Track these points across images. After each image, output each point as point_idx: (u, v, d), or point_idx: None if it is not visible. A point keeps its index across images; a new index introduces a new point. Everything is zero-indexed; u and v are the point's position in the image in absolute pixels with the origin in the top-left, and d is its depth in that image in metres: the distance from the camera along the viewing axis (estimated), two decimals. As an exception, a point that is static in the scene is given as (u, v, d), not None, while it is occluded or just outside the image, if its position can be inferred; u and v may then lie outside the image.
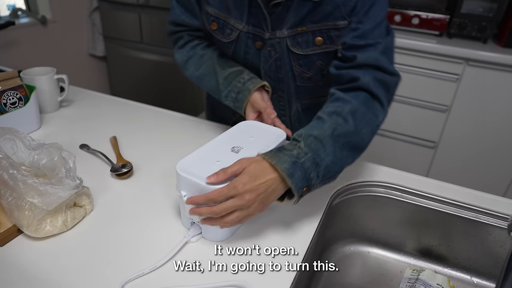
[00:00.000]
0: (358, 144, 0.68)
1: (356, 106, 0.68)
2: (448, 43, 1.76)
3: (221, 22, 0.82)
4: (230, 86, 0.82)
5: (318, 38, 0.78)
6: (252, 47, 0.83)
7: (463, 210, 0.77)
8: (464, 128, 1.86)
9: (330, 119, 0.66)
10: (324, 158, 0.62)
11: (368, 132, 0.69)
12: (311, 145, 0.62)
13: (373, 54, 0.72)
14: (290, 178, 0.58)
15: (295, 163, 0.59)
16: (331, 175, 0.64)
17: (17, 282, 0.54)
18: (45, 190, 0.59)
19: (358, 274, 0.82)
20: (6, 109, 0.88)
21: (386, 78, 0.72)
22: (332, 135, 0.64)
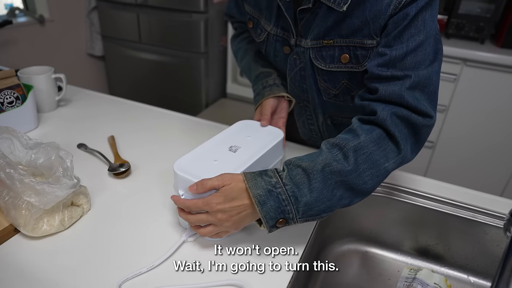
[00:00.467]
0: (356, 186, 0.58)
1: (364, 144, 0.59)
2: (446, 43, 1.77)
3: (255, 21, 0.82)
4: (256, 85, 0.86)
5: (344, 55, 0.68)
6: (280, 50, 0.80)
7: (460, 209, 0.77)
8: (461, 128, 1.86)
9: (329, 152, 0.59)
10: (307, 194, 0.56)
11: (371, 174, 0.59)
12: (296, 177, 0.57)
13: (397, 89, 0.60)
14: (261, 206, 0.55)
15: (270, 192, 0.55)
16: (314, 213, 0.57)
17: (13, 282, 0.54)
18: (42, 189, 0.58)
19: (355, 273, 0.83)
20: (3, 108, 0.88)
21: (412, 118, 0.60)
22: (323, 170, 0.57)
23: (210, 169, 0.60)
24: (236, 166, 0.63)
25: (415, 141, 0.63)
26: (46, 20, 2.14)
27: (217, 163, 0.63)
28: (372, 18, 0.62)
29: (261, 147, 0.68)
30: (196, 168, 0.61)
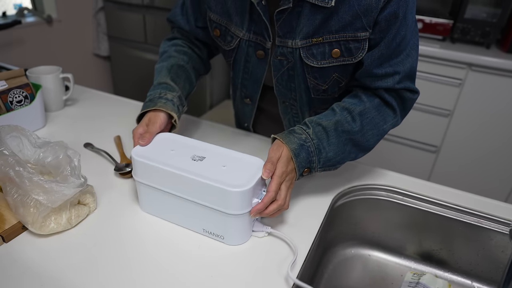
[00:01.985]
0: (362, 143, 0.73)
1: (368, 109, 0.73)
2: (451, 48, 1.77)
3: (223, 28, 0.80)
4: (152, 91, 0.79)
5: (335, 50, 0.72)
6: (253, 55, 0.80)
7: (465, 214, 0.77)
8: (466, 132, 1.86)
9: (341, 114, 0.72)
10: (326, 148, 0.69)
11: (373, 134, 0.73)
12: (318, 133, 0.69)
13: (391, 83, 0.72)
14: (295, 157, 0.65)
15: (302, 146, 0.66)
16: (331, 164, 0.71)
17: (21, 278, 0.55)
18: (50, 188, 0.59)
19: (358, 277, 0.83)
20: (12, 107, 0.89)
21: (404, 94, 0.74)
22: (337, 129, 0.70)
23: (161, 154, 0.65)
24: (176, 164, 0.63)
25: (402, 109, 0.77)
26: (54, 20, 2.16)
27: (174, 153, 0.66)
28: (363, 12, 0.66)
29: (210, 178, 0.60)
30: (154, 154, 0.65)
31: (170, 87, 0.79)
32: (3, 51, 1.94)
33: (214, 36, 0.84)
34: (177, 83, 0.81)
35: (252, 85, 0.86)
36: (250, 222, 0.63)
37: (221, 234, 0.63)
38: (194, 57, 0.89)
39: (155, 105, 0.74)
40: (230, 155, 0.66)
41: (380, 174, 0.85)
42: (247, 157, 0.66)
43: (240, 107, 0.96)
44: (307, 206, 0.73)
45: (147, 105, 0.75)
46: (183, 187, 0.62)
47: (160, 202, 0.67)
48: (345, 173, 0.85)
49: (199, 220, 0.64)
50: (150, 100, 0.76)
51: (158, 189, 0.65)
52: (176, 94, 0.78)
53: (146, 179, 0.65)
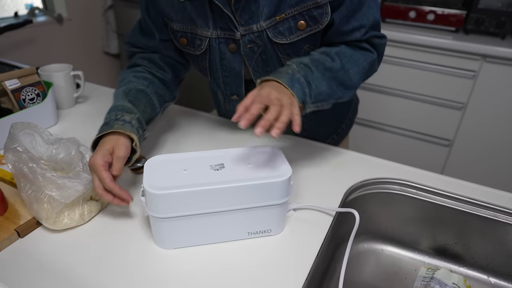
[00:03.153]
0: (346, 81, 0.73)
1: (344, 49, 0.74)
2: (465, 39, 1.73)
3: (188, 35, 0.79)
4: (108, 114, 0.71)
5: (300, 22, 0.73)
6: (226, 51, 0.79)
7: (481, 208, 0.76)
8: (480, 125, 1.83)
9: (319, 55, 0.73)
10: (314, 81, 0.68)
11: (355, 72, 0.74)
12: (302, 68, 0.68)
13: (358, 36, 0.75)
14: (291, 88, 0.64)
15: (292, 78, 0.65)
16: (322, 98, 0.70)
17: (36, 273, 0.56)
18: (63, 184, 0.60)
19: (371, 272, 0.82)
20: (25, 104, 0.90)
21: (372, 41, 0.77)
22: (318, 66, 0.70)
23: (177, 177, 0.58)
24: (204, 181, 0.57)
25: (377, 57, 0.79)
26: (64, 19, 2.18)
27: (186, 173, 0.59)
28: None
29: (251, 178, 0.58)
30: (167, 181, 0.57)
31: (127, 109, 0.71)
32: (15, 50, 1.97)
33: (181, 46, 0.82)
34: (136, 105, 0.74)
35: (235, 81, 0.85)
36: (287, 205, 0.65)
37: (268, 228, 0.63)
38: (156, 82, 0.82)
39: (111, 128, 0.65)
40: (245, 152, 0.65)
41: (393, 167, 0.84)
42: (260, 149, 0.66)
43: (230, 107, 0.94)
44: (319, 200, 0.72)
45: (102, 128, 0.67)
46: (223, 200, 0.57)
47: (190, 230, 0.60)
48: (357, 166, 0.84)
49: (243, 226, 0.61)
50: (105, 124, 0.68)
51: (191, 215, 0.58)
52: (135, 116, 0.71)
53: (174, 211, 0.57)
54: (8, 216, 0.64)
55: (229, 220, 0.60)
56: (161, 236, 0.60)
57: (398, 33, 1.80)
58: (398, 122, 2.00)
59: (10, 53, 1.94)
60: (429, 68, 1.81)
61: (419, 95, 1.89)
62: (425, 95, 1.87)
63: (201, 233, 0.60)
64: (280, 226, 0.64)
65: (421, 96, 1.88)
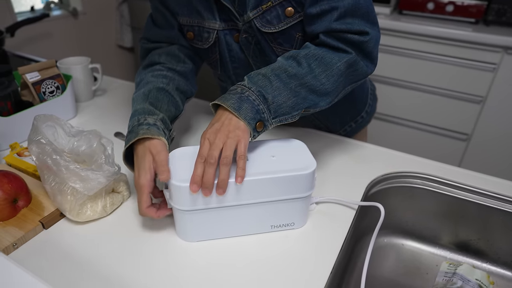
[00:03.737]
0: (316, 87, 0.64)
1: (314, 51, 0.66)
2: (485, 31, 1.69)
3: (195, 28, 0.78)
4: (130, 120, 0.68)
5: (288, 8, 0.69)
6: (232, 42, 0.78)
7: (505, 203, 0.74)
8: (499, 119, 1.78)
9: (285, 60, 0.65)
10: (272, 93, 0.61)
11: (328, 75, 0.65)
12: (257, 82, 0.62)
13: (327, 22, 0.66)
14: (237, 111, 0.58)
15: (240, 97, 0.59)
16: (285, 111, 0.62)
17: (60, 263, 0.56)
18: (86, 176, 0.60)
19: (392, 267, 0.81)
20: (45, 97, 0.90)
21: (348, 37, 0.66)
22: (280, 75, 0.63)
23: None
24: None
25: (363, 57, 0.68)
26: (79, 12, 2.19)
27: None
28: None
29: (276, 171, 0.57)
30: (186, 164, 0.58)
31: (148, 111, 0.68)
32: (32, 44, 1.99)
33: (190, 40, 0.82)
34: (158, 106, 0.71)
35: (245, 71, 0.83)
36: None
37: (291, 222, 0.63)
38: (176, 78, 0.79)
39: (137, 135, 0.62)
40: (268, 145, 0.64)
41: (415, 161, 0.83)
42: (283, 141, 0.65)
43: None
44: (341, 194, 0.72)
45: (128, 138, 0.64)
46: (248, 192, 0.57)
47: (213, 223, 0.60)
48: (378, 160, 0.82)
49: (266, 219, 0.61)
50: (130, 132, 0.65)
51: (214, 208, 0.57)
52: (158, 117, 0.68)
53: (198, 203, 0.56)
54: (33, 207, 0.65)
55: (253, 213, 0.59)
56: (184, 229, 0.60)
57: (416, 25, 1.76)
58: (415, 116, 1.97)
59: (27, 47, 1.96)
60: (448, 61, 1.77)
61: (437, 88, 1.85)
62: (443, 88, 1.84)
63: (224, 226, 0.60)
64: (303, 219, 0.64)
65: (439, 90, 1.85)
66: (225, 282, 0.54)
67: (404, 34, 1.80)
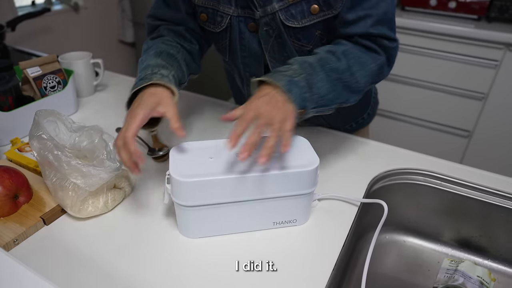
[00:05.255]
0: (351, 84, 0.67)
1: (351, 49, 0.68)
2: (487, 28, 1.68)
3: (209, 11, 0.77)
4: (142, 71, 0.68)
5: (313, 6, 0.69)
6: (245, 31, 0.77)
7: (507, 200, 0.74)
8: (500, 117, 1.78)
9: (325, 54, 0.67)
10: (317, 83, 0.63)
11: (362, 75, 0.68)
12: (305, 68, 0.63)
13: (363, 27, 0.69)
14: (289, 93, 0.59)
15: (291, 81, 0.60)
16: (325, 103, 0.65)
17: (61, 259, 0.56)
18: (88, 172, 0.60)
19: (393, 263, 0.81)
20: (46, 92, 0.90)
21: (382, 42, 0.70)
22: (323, 66, 0.65)
23: (203, 165, 0.57)
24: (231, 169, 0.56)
25: (387, 61, 0.72)
26: (80, 7, 2.18)
27: (212, 161, 0.58)
28: None
29: (278, 167, 0.57)
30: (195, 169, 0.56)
31: (162, 65, 0.68)
32: (33, 38, 1.98)
33: (201, 21, 0.81)
34: (171, 63, 0.71)
35: (254, 62, 0.83)
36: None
37: (293, 218, 0.62)
38: (184, 52, 0.79)
39: (150, 80, 0.63)
40: None
41: (417, 158, 0.83)
42: None
43: (249, 90, 0.90)
44: (343, 190, 0.71)
45: (139, 83, 0.64)
46: (250, 189, 0.57)
47: (215, 219, 0.59)
48: (380, 156, 0.82)
49: (269, 215, 0.61)
50: (142, 78, 0.65)
51: (217, 204, 0.57)
52: (171, 72, 0.68)
53: (201, 199, 0.56)
54: (33, 203, 0.65)
55: (255, 210, 0.59)
56: (186, 225, 0.59)
57: (418, 22, 1.75)
58: (416, 113, 1.97)
59: (28, 42, 1.95)
60: (450, 58, 1.76)
61: (439, 85, 1.84)
62: (445, 85, 1.83)
63: (226, 223, 0.60)
64: (305, 216, 0.63)
65: (441, 86, 1.84)
66: (226, 279, 0.54)
67: (407, 30, 1.79)
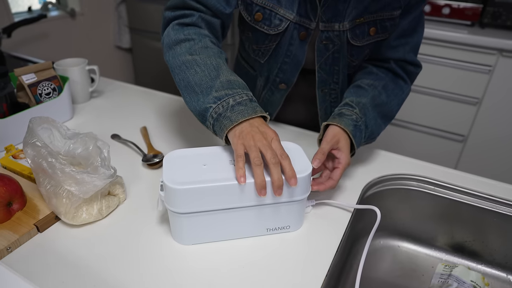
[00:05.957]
0: (388, 114, 0.79)
1: (388, 83, 0.80)
2: (481, 33, 1.70)
3: (267, 12, 0.77)
4: (232, 90, 0.61)
5: (372, 28, 0.77)
6: (296, 38, 0.80)
7: (500, 205, 0.75)
8: (495, 121, 1.79)
9: (371, 89, 0.77)
10: (369, 122, 0.73)
11: (395, 104, 0.80)
12: (363, 110, 0.73)
13: (401, 53, 0.81)
14: (354, 138, 0.69)
15: (355, 126, 0.70)
16: (373, 137, 0.76)
17: (55, 267, 0.56)
18: (82, 179, 0.60)
19: (388, 268, 0.81)
20: (41, 99, 0.90)
21: (409, 68, 0.82)
22: (372, 104, 0.75)
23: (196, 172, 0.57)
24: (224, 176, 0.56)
25: (410, 82, 0.85)
26: (77, 13, 2.18)
27: (206, 168, 0.58)
28: None
29: None
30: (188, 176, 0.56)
31: (244, 86, 0.64)
32: (29, 44, 1.99)
33: (253, 20, 0.79)
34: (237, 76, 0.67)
35: (292, 69, 0.85)
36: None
37: (287, 225, 0.63)
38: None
39: (255, 112, 0.59)
40: None
41: (410, 163, 0.83)
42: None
43: (269, 94, 0.93)
44: (337, 196, 0.72)
45: (244, 112, 0.59)
46: (243, 195, 0.57)
47: (209, 226, 0.59)
48: (374, 162, 0.83)
49: (262, 222, 0.61)
50: (243, 105, 0.60)
51: (210, 211, 0.57)
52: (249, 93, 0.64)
53: (194, 206, 0.56)
54: (27, 210, 0.65)
55: (249, 216, 0.59)
56: (180, 232, 0.60)
57: (413, 27, 1.77)
58: (411, 118, 1.98)
59: (24, 48, 1.96)
60: (444, 63, 1.78)
61: (433, 90, 1.86)
62: (439, 90, 1.85)
63: (220, 229, 0.60)
64: (299, 222, 0.64)
65: (435, 91, 1.86)
66: (220, 286, 0.54)
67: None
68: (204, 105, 0.62)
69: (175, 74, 0.68)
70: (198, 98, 0.63)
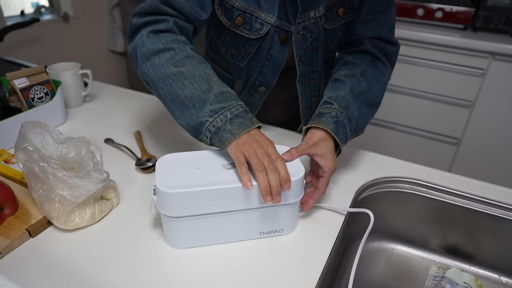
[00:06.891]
0: (372, 100, 0.76)
1: (366, 69, 0.77)
2: (473, 37, 1.72)
3: (247, 16, 0.76)
4: (229, 101, 0.62)
5: (340, 8, 0.77)
6: (277, 42, 0.79)
7: (492, 207, 0.75)
8: (488, 124, 1.81)
9: (348, 80, 0.75)
10: (353, 114, 0.70)
11: (379, 89, 0.77)
12: (342, 104, 0.70)
13: (375, 31, 0.79)
14: (337, 135, 0.66)
15: (337, 122, 0.67)
16: (360, 128, 0.74)
17: (47, 272, 0.56)
18: (74, 183, 0.59)
19: (381, 271, 0.81)
20: (34, 103, 0.90)
21: (386, 47, 0.80)
22: (353, 94, 0.72)
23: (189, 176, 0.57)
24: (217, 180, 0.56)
25: (391, 64, 0.82)
26: (70, 17, 2.18)
27: (198, 172, 0.58)
28: None
29: None
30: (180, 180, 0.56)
31: (236, 97, 0.65)
32: (22, 48, 1.98)
33: (233, 25, 0.77)
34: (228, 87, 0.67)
35: (272, 72, 0.84)
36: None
37: (280, 228, 0.63)
38: None
39: (252, 124, 0.61)
40: None
41: (404, 166, 0.84)
42: None
43: (247, 97, 0.92)
44: (330, 199, 0.72)
45: (243, 124, 0.60)
46: (236, 199, 0.57)
47: (202, 230, 0.59)
48: (367, 165, 0.83)
49: (255, 225, 0.61)
50: (240, 117, 0.61)
51: (203, 215, 0.57)
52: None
53: (187, 210, 0.56)
54: (19, 215, 0.64)
55: (242, 220, 0.59)
56: (173, 236, 0.59)
57: (406, 31, 1.78)
58: (405, 120, 1.99)
59: (17, 52, 1.95)
60: (437, 66, 1.79)
61: (426, 93, 1.87)
62: (433, 93, 1.86)
63: (213, 233, 0.60)
64: (292, 225, 0.64)
65: (428, 94, 1.87)
66: (213, 289, 0.54)
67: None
68: (199, 119, 0.62)
69: (157, 87, 0.66)
70: (191, 113, 0.63)
